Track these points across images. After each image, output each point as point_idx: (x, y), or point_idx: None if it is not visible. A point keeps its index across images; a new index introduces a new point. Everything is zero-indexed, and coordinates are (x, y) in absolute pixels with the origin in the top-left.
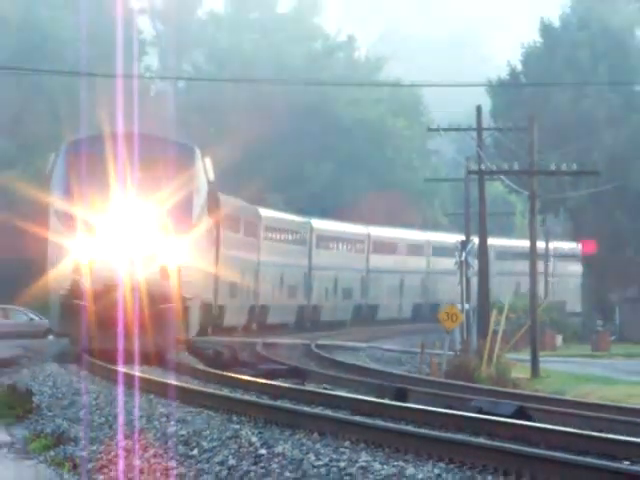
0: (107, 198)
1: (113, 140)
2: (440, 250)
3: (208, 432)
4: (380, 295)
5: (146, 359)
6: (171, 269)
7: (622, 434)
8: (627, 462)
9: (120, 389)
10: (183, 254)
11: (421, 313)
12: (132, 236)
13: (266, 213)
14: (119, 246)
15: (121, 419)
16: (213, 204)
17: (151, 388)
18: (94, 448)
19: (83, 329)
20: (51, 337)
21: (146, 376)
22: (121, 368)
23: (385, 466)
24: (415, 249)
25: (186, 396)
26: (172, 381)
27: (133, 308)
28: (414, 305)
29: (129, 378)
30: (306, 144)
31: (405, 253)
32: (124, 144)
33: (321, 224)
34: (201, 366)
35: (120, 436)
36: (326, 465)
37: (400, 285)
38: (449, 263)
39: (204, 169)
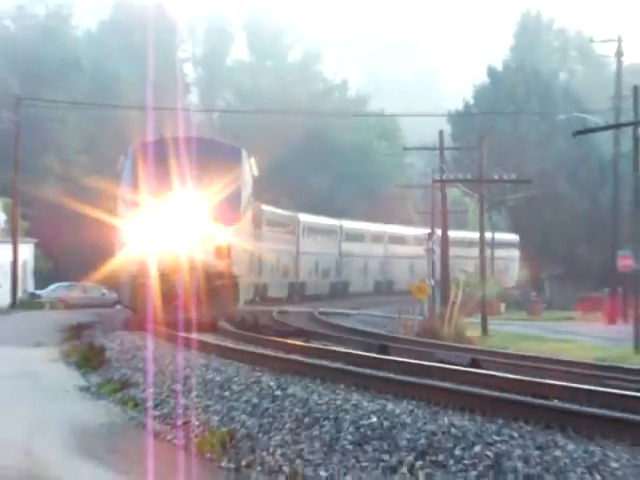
0: (169, 191)
1: (174, 142)
2: (395, 239)
3: (237, 378)
4: (350, 274)
5: (200, 327)
6: (223, 251)
7: (552, 379)
8: (556, 400)
9: (173, 347)
10: (233, 238)
11: (380, 288)
12: (190, 223)
13: (267, 208)
14: (179, 232)
15: (174, 368)
16: None
17: (195, 345)
18: (151, 391)
19: (149, 304)
20: (118, 307)
21: (192, 336)
22: (175, 332)
23: (371, 403)
24: (376, 238)
25: (221, 351)
26: (210, 340)
27: (192, 285)
28: (375, 282)
29: (179, 338)
30: (310, 161)
31: (369, 241)
32: (183, 145)
33: (306, 218)
34: (231, 328)
35: (170, 381)
36: (326, 403)
37: (365, 266)
38: (401, 249)
39: (249, 166)
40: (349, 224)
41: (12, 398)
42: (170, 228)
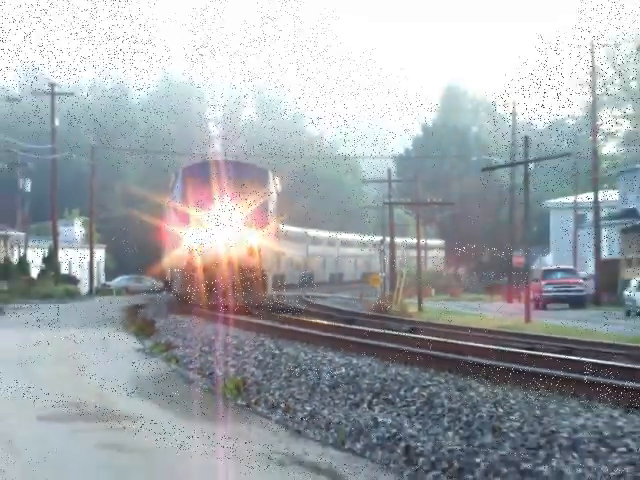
0: (211, 203)
1: (215, 164)
2: (344, 243)
3: (248, 342)
4: (314, 268)
5: (236, 311)
6: (255, 250)
7: (468, 342)
8: (470, 356)
9: (204, 322)
10: (262, 240)
11: (334, 279)
12: (228, 228)
13: None
14: (220, 235)
15: (204, 335)
16: None
17: (219, 320)
18: (187, 351)
19: (196, 292)
20: (164, 292)
21: (215, 313)
22: (213, 313)
23: (341, 359)
24: (331, 242)
25: (236, 323)
26: (229, 315)
27: (230, 277)
28: (330, 274)
29: (208, 315)
30: (298, 190)
31: (326, 244)
32: (223, 167)
33: (285, 227)
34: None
35: (202, 344)
36: (310, 359)
37: (324, 263)
38: (348, 250)
39: (275, 184)
40: (313, 232)
41: (89, 357)
42: (212, 232)
